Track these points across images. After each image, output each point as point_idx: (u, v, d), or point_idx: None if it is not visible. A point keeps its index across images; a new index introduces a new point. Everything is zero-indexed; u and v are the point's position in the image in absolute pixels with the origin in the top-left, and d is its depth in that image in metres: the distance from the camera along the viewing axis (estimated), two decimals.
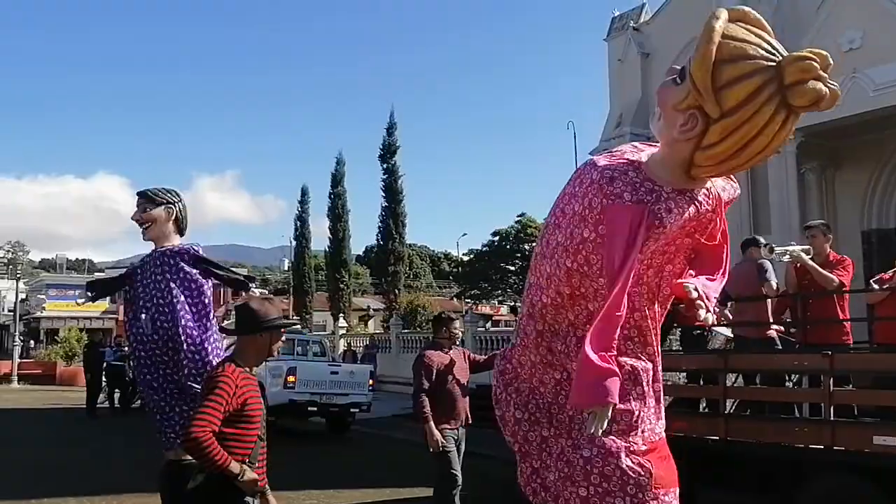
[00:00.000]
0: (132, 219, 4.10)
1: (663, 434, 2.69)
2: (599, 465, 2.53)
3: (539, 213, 47.50)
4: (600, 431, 2.36)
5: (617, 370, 2.38)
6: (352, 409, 13.55)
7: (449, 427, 5.73)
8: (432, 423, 5.59)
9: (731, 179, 2.69)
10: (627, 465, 2.51)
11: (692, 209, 2.46)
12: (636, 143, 2.77)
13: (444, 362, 5.79)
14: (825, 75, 2.19)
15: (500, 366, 2.99)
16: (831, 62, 2.22)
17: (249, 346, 3.04)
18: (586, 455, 2.56)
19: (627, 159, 2.56)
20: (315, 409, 13.13)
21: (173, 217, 4.13)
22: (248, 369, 3.01)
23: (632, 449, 2.54)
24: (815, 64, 2.17)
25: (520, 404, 2.86)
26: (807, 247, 6.12)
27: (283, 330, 3.17)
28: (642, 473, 2.51)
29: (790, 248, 6.16)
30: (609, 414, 2.36)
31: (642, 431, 2.58)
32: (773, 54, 2.23)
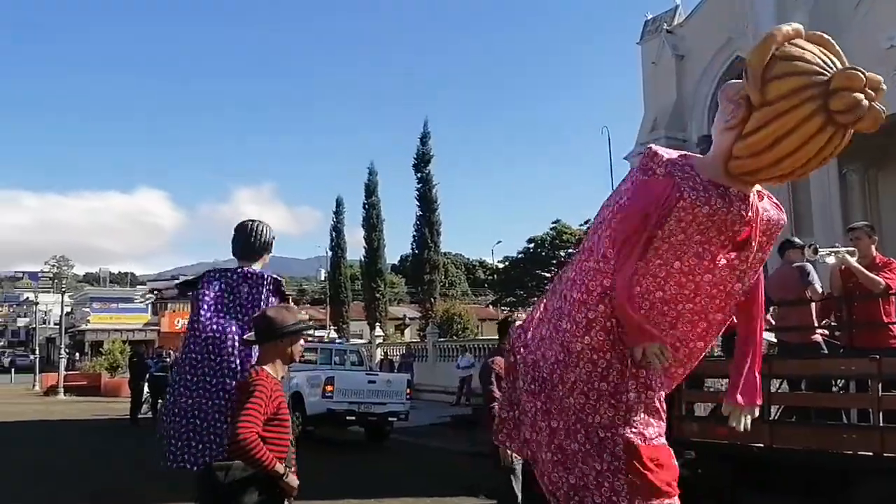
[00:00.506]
0: None
1: (657, 441, 2.72)
2: (591, 458, 2.67)
3: (574, 219, 47.26)
4: (667, 364, 2.56)
5: (638, 316, 2.57)
6: (389, 418, 13.58)
7: None
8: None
9: (779, 207, 2.72)
10: (614, 465, 2.63)
11: (720, 202, 2.50)
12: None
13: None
14: (872, 93, 2.27)
15: (516, 334, 3.18)
16: (884, 87, 2.30)
17: (271, 353, 3.13)
18: (575, 448, 2.72)
19: (681, 152, 2.70)
20: (353, 418, 13.20)
21: None
22: (275, 376, 3.10)
23: (620, 446, 2.65)
24: (862, 77, 2.26)
25: (523, 373, 3.01)
26: (851, 248, 5.98)
27: (302, 334, 3.26)
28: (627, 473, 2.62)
29: (835, 249, 6.03)
30: (664, 350, 2.52)
31: (626, 424, 2.68)
32: (830, 68, 2.32)
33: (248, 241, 4.20)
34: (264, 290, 4.25)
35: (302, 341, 3.29)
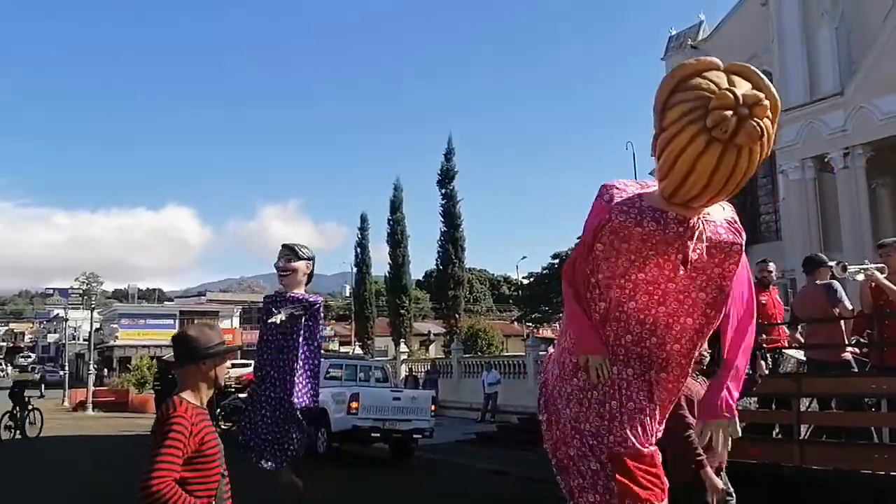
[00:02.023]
0: (275, 265, 4.80)
1: (644, 448, 2.91)
2: (587, 459, 2.94)
3: None
4: (601, 377, 2.83)
5: (596, 327, 2.89)
6: (414, 435, 13.57)
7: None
8: (709, 467, 4.34)
9: (738, 231, 2.88)
10: (605, 469, 2.90)
11: (653, 225, 2.75)
12: None
13: (695, 391, 4.63)
14: (745, 110, 2.43)
15: (545, 359, 3.50)
16: (764, 103, 2.47)
17: (194, 377, 2.78)
18: (572, 453, 2.99)
19: (641, 183, 2.95)
20: (378, 434, 13.21)
21: (309, 271, 4.93)
22: (198, 404, 2.76)
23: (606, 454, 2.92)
24: (732, 96, 2.43)
25: (541, 391, 3.29)
26: (881, 265, 5.91)
27: (227, 356, 2.90)
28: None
29: (864, 267, 5.96)
30: (607, 364, 2.83)
31: (610, 433, 2.92)
32: (720, 90, 2.47)
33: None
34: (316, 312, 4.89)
35: (228, 363, 2.95)
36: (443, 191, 33.26)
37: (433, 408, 14.12)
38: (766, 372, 5.71)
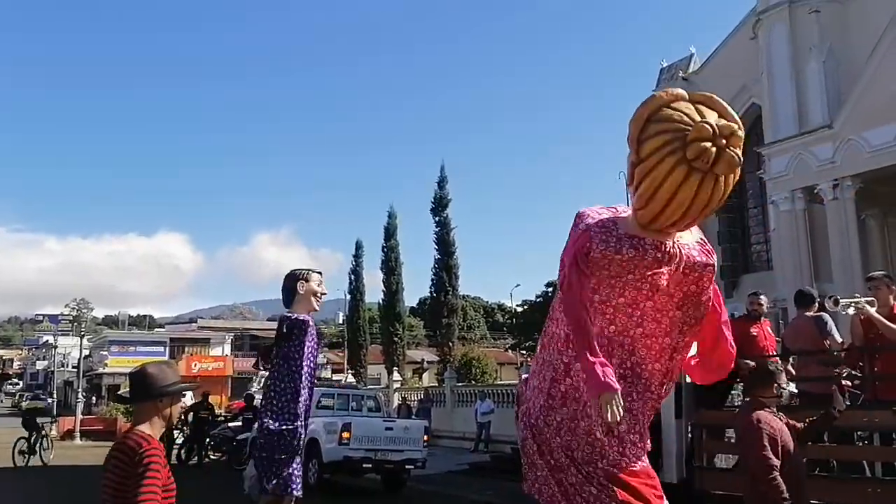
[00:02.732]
0: (320, 292, 4.80)
1: (635, 465, 3.02)
2: (585, 485, 2.99)
3: None
4: (618, 417, 2.73)
5: (604, 361, 2.81)
6: (407, 466, 13.44)
7: None
8: None
9: (709, 253, 3.02)
10: (605, 493, 2.95)
11: (632, 252, 2.87)
12: None
13: (777, 428, 4.28)
14: (723, 141, 2.57)
15: (519, 388, 3.55)
16: (739, 134, 2.60)
17: (149, 412, 2.83)
18: (572, 480, 3.03)
19: (614, 210, 3.06)
20: (370, 465, 13.06)
21: None
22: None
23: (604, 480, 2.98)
24: (710, 128, 2.57)
25: (521, 417, 3.34)
26: (870, 298, 5.96)
27: (181, 395, 2.96)
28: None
29: (855, 300, 6.01)
30: (619, 399, 2.74)
31: (603, 458, 3.01)
32: (693, 123, 2.60)
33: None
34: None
35: (183, 401, 3.05)
36: (436, 218, 33.40)
37: (426, 438, 14.01)
38: (844, 407, 5.58)
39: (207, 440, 17.78)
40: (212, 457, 17.95)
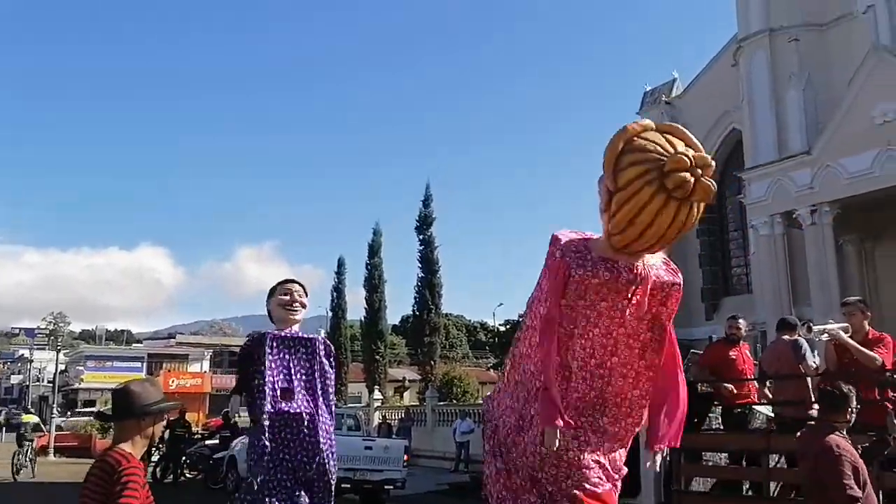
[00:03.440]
0: (300, 301, 4.67)
1: (599, 489, 3.10)
2: None
3: None
4: (554, 447, 2.93)
5: (557, 399, 2.93)
6: (386, 486, 13.33)
7: None
8: None
9: (675, 272, 3.16)
10: None
11: (607, 274, 2.98)
12: None
13: (856, 455, 4.15)
14: (699, 171, 2.72)
15: (487, 404, 3.64)
16: (711, 164, 2.77)
17: (131, 431, 2.77)
18: (533, 500, 3.11)
19: (583, 234, 3.17)
20: (348, 486, 12.93)
21: None
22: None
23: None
24: (687, 159, 2.71)
25: (489, 435, 3.45)
26: (845, 324, 6.04)
27: (164, 414, 2.90)
28: None
29: (828, 326, 6.09)
30: (557, 434, 2.91)
31: (568, 478, 3.10)
32: (668, 154, 2.75)
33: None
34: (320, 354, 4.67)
35: (162, 423, 2.94)
36: (421, 236, 33.40)
37: (406, 458, 13.92)
38: None
39: (184, 458, 17.54)
40: (188, 475, 17.70)
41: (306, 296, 4.77)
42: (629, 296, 3.02)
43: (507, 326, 49.79)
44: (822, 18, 18.87)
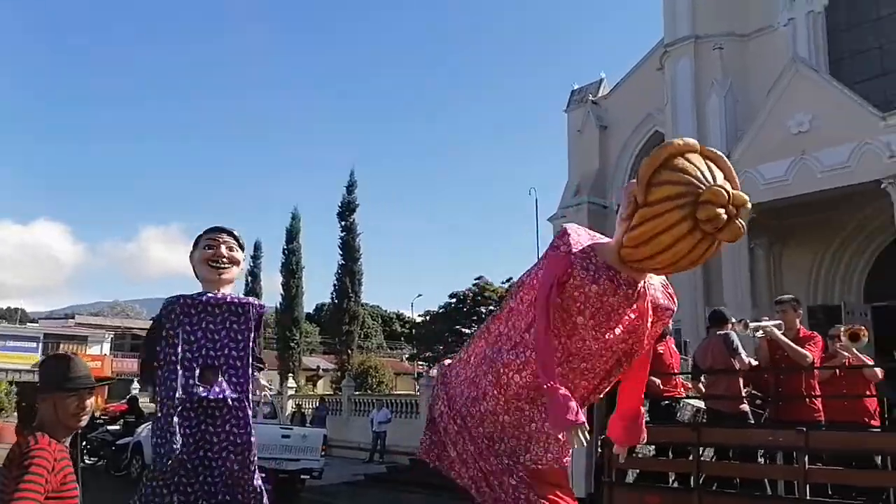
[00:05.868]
0: (228, 256, 3.73)
1: (554, 464, 3.14)
2: (506, 475, 3.06)
3: (497, 276, 47.54)
4: (584, 445, 2.80)
5: (570, 394, 2.80)
6: (302, 476, 13.01)
7: None
8: None
9: (671, 297, 3.10)
10: (523, 483, 3.03)
11: (608, 284, 2.84)
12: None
13: None
14: (734, 210, 2.58)
15: (442, 370, 3.59)
16: (748, 206, 2.63)
17: (55, 410, 2.54)
18: (490, 468, 3.10)
19: (592, 234, 3.03)
20: (263, 475, 12.49)
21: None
22: (59, 440, 2.54)
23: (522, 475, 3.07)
24: (726, 194, 2.56)
25: (446, 402, 3.37)
26: (779, 322, 6.19)
27: (91, 392, 2.64)
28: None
29: (764, 323, 6.22)
30: (584, 430, 2.78)
31: (528, 453, 3.12)
32: (707, 182, 2.60)
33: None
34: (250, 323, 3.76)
35: (91, 401, 2.64)
36: (343, 223, 32.89)
37: (323, 448, 13.61)
38: None
39: (84, 443, 16.63)
40: (87, 461, 16.79)
41: (241, 249, 3.82)
42: (620, 311, 2.90)
43: (427, 318, 49.80)
44: (745, 29, 19.53)
